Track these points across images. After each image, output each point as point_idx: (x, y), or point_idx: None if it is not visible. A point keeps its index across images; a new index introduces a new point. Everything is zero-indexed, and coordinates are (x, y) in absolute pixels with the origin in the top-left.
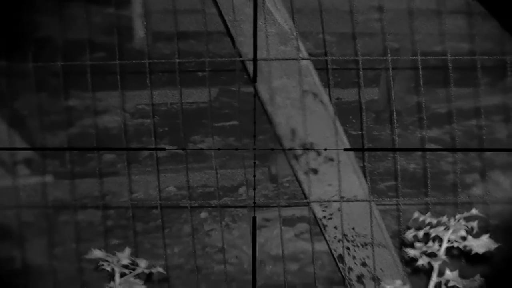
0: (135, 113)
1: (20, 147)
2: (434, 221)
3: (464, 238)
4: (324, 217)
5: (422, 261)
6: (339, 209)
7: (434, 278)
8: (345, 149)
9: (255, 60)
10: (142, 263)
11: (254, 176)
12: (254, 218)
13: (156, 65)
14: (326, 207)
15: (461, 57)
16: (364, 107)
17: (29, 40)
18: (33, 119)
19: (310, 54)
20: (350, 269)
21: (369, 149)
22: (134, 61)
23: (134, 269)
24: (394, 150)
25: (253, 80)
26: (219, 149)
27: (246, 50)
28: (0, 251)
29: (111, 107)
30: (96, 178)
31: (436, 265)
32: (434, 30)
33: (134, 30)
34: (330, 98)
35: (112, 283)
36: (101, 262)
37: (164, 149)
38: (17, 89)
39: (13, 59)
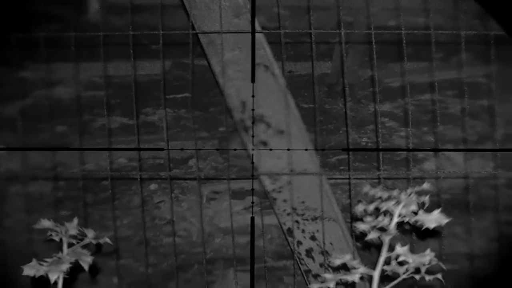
0: (88, 85)
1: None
2: (385, 195)
3: (415, 213)
4: (274, 190)
5: (372, 236)
6: (289, 183)
7: (384, 253)
8: (343, 149)
9: (253, 59)
10: (90, 234)
11: (253, 175)
12: (252, 218)
13: (110, 37)
14: (275, 180)
15: (415, 32)
16: (316, 81)
17: None
18: None
19: (263, 28)
20: (299, 242)
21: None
22: (88, 33)
23: (82, 240)
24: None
25: (251, 80)
26: (217, 149)
27: (200, 23)
28: None
29: (64, 78)
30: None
31: (386, 239)
32: (389, 5)
33: (88, 2)
34: (282, 71)
35: (60, 253)
36: (49, 232)
37: (162, 149)
38: None
39: None
